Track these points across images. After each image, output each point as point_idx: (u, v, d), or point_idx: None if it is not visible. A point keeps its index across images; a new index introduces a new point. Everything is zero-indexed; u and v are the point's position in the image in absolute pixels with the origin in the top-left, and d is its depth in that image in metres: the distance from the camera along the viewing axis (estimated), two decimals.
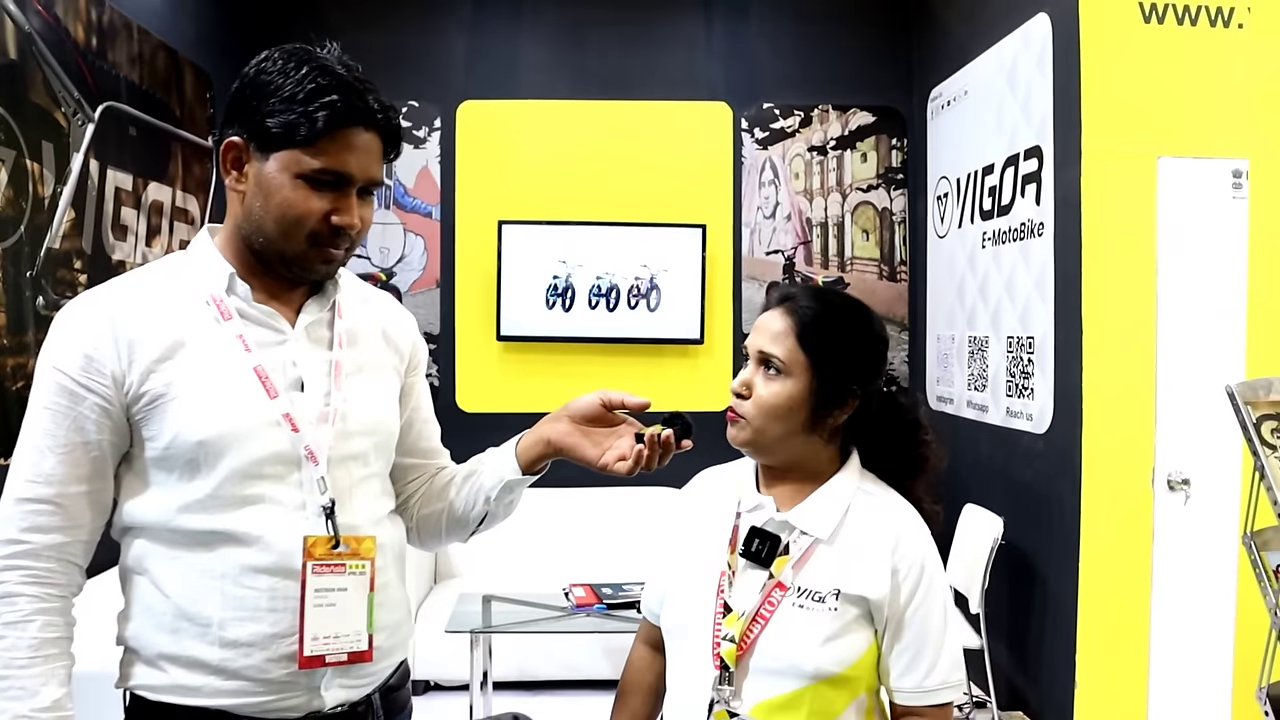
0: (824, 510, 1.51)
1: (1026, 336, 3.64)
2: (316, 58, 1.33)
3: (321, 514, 1.36)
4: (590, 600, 3.51)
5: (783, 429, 1.49)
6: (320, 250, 1.35)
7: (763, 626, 1.47)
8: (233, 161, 1.35)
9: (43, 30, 2.97)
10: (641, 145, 4.83)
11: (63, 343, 1.31)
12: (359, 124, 1.32)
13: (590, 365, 4.72)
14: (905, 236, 4.89)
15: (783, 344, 1.48)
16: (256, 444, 1.33)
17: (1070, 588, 3.29)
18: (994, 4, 3.94)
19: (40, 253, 2.96)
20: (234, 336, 1.35)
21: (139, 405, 1.31)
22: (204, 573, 1.31)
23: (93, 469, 1.32)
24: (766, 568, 1.49)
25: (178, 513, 1.32)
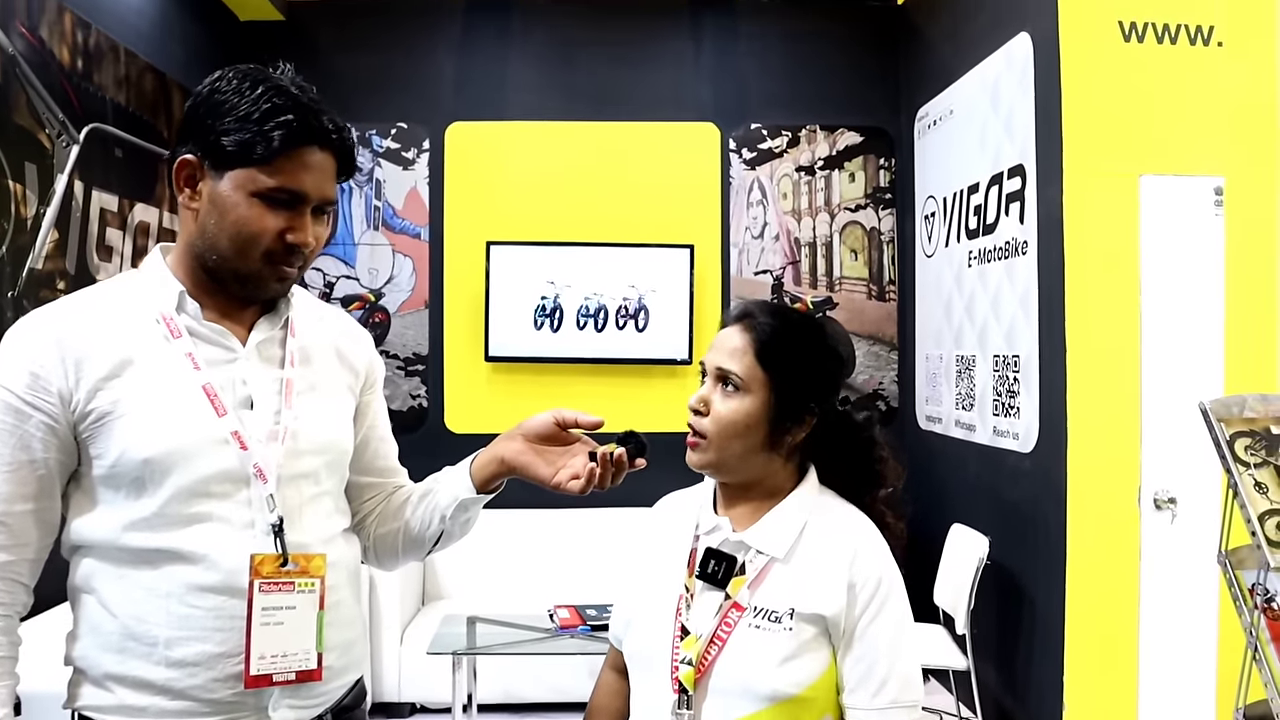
0: (780, 529, 1.49)
1: (1012, 355, 3.64)
2: (271, 78, 1.34)
3: (270, 532, 1.35)
4: (575, 622, 3.49)
5: (741, 447, 1.48)
6: (274, 268, 1.35)
7: (720, 648, 1.45)
8: (186, 179, 1.34)
9: (27, 53, 2.99)
10: (630, 166, 4.84)
11: (9, 360, 1.31)
12: (314, 143, 1.32)
13: (578, 385, 4.72)
14: (894, 256, 4.89)
15: (741, 360, 1.47)
16: (203, 462, 1.32)
17: (1057, 607, 3.27)
18: (977, 24, 3.96)
19: (22, 273, 2.96)
20: (183, 355, 1.34)
21: (86, 423, 1.30)
22: (150, 591, 1.30)
23: (39, 487, 1.31)
24: (723, 589, 1.47)
25: (124, 531, 1.30)
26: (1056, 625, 3.28)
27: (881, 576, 1.47)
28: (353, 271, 4.77)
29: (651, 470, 1.52)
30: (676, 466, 1.72)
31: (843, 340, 1.58)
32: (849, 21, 5.00)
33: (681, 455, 1.49)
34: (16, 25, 2.95)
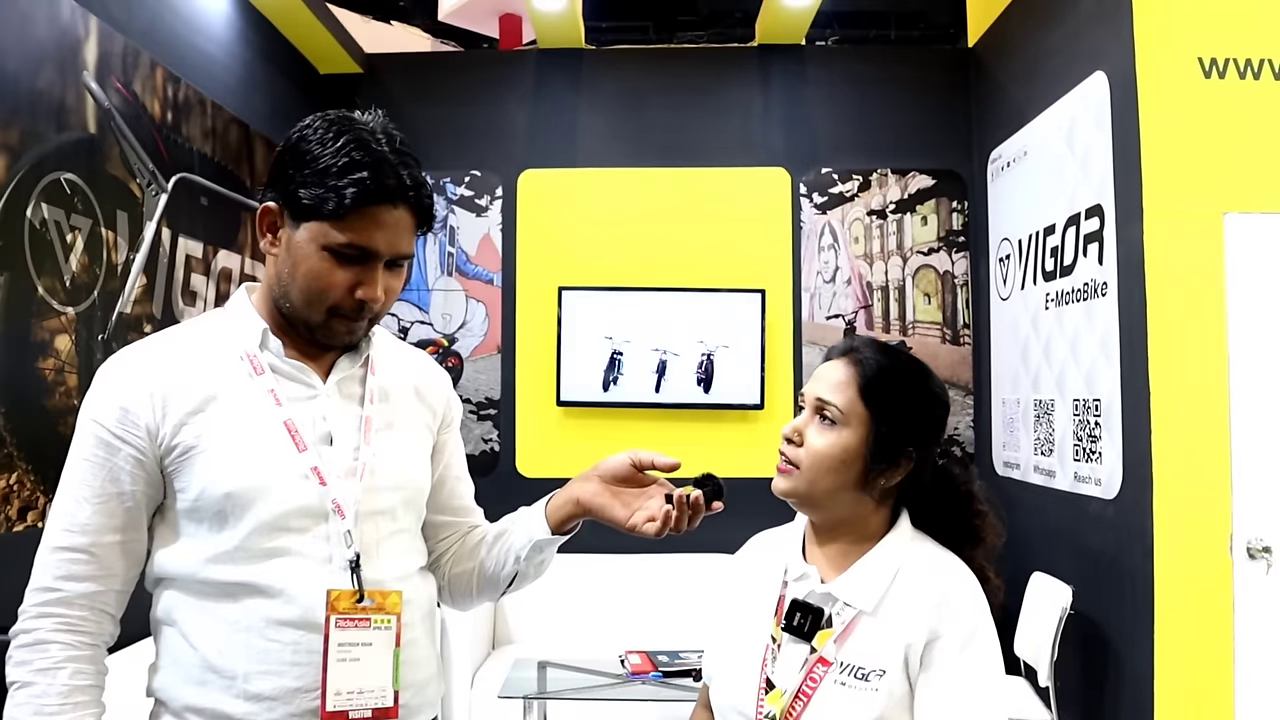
0: (869, 579, 1.44)
1: (1093, 399, 3.55)
2: (356, 128, 1.34)
3: (347, 568, 1.35)
4: (646, 668, 3.45)
5: (833, 482, 1.44)
6: (342, 321, 1.37)
7: (805, 705, 1.40)
8: (268, 225, 1.37)
9: (121, 106, 3.11)
10: (701, 211, 4.86)
11: (101, 395, 1.34)
12: (387, 201, 1.32)
13: (649, 430, 4.70)
14: (968, 299, 4.82)
15: (843, 394, 1.44)
16: (284, 496, 1.33)
17: (1146, 660, 3.15)
18: (1051, 65, 3.92)
19: (112, 317, 3.05)
20: (265, 391, 1.37)
21: (171, 457, 1.33)
22: (230, 625, 1.31)
23: (126, 519, 1.33)
24: (809, 641, 1.43)
25: (206, 564, 1.32)
26: (1145, 679, 3.16)
27: (975, 627, 1.39)
28: (427, 316, 4.84)
29: (725, 516, 1.49)
30: (749, 513, 1.70)
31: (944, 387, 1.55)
32: (919, 64, 5.00)
33: (755, 501, 1.47)
34: (113, 81, 3.07)
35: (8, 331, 2.58)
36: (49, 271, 2.75)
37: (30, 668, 1.27)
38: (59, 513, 1.33)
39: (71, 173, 2.85)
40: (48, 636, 1.28)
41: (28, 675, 1.27)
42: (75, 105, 2.89)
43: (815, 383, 1.49)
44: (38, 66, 2.72)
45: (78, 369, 2.88)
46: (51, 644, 1.28)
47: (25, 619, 1.30)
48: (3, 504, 2.57)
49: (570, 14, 4.59)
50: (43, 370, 2.74)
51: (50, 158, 2.76)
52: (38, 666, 1.27)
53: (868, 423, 1.43)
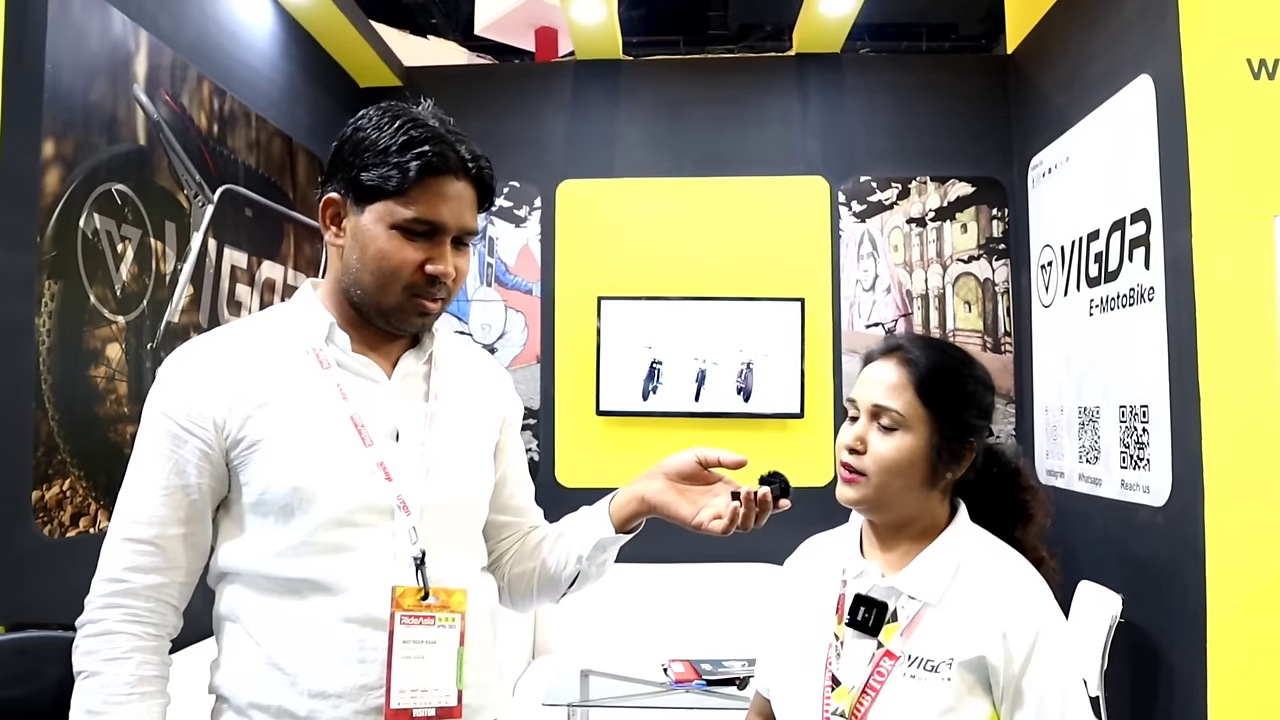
0: (932, 572, 1.44)
1: (1140, 405, 3.50)
2: (409, 112, 1.38)
3: (412, 564, 1.35)
4: (690, 676, 3.44)
5: (902, 485, 1.43)
6: (416, 301, 1.36)
7: (873, 699, 1.39)
8: (331, 217, 1.39)
9: (169, 118, 3.16)
10: (739, 220, 4.86)
11: (168, 388, 1.35)
12: (450, 173, 1.34)
13: (689, 440, 4.62)
14: (1009, 307, 4.78)
15: (900, 397, 1.43)
16: (350, 491, 1.33)
17: (1199, 671, 3.10)
18: (1094, 69, 3.89)
19: (160, 326, 3.09)
20: (332, 385, 1.37)
21: (237, 450, 1.33)
22: (294, 621, 1.32)
23: (191, 512, 1.34)
24: (874, 636, 1.42)
25: (271, 559, 1.33)
26: (1199, 691, 3.10)
27: (1040, 624, 1.39)
28: (466, 327, 4.87)
29: (767, 525, 1.47)
30: (791, 521, 1.69)
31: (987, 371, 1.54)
32: (957, 72, 4.98)
33: (797, 509, 1.45)
34: (161, 94, 3.11)
35: (61, 340, 2.62)
36: (100, 280, 2.79)
37: (98, 657, 1.28)
38: (126, 504, 1.33)
39: (122, 183, 2.89)
40: (115, 627, 1.29)
41: (96, 665, 1.28)
42: (126, 117, 2.93)
43: (867, 387, 1.47)
44: (91, 79, 2.76)
45: (127, 377, 2.92)
46: (119, 634, 1.29)
47: (92, 609, 1.31)
48: (56, 510, 2.61)
49: (608, 25, 4.61)
50: (94, 378, 2.77)
51: (102, 169, 2.80)
52: (105, 656, 1.28)
53: (929, 422, 1.43)
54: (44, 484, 2.55)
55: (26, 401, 2.48)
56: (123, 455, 2.85)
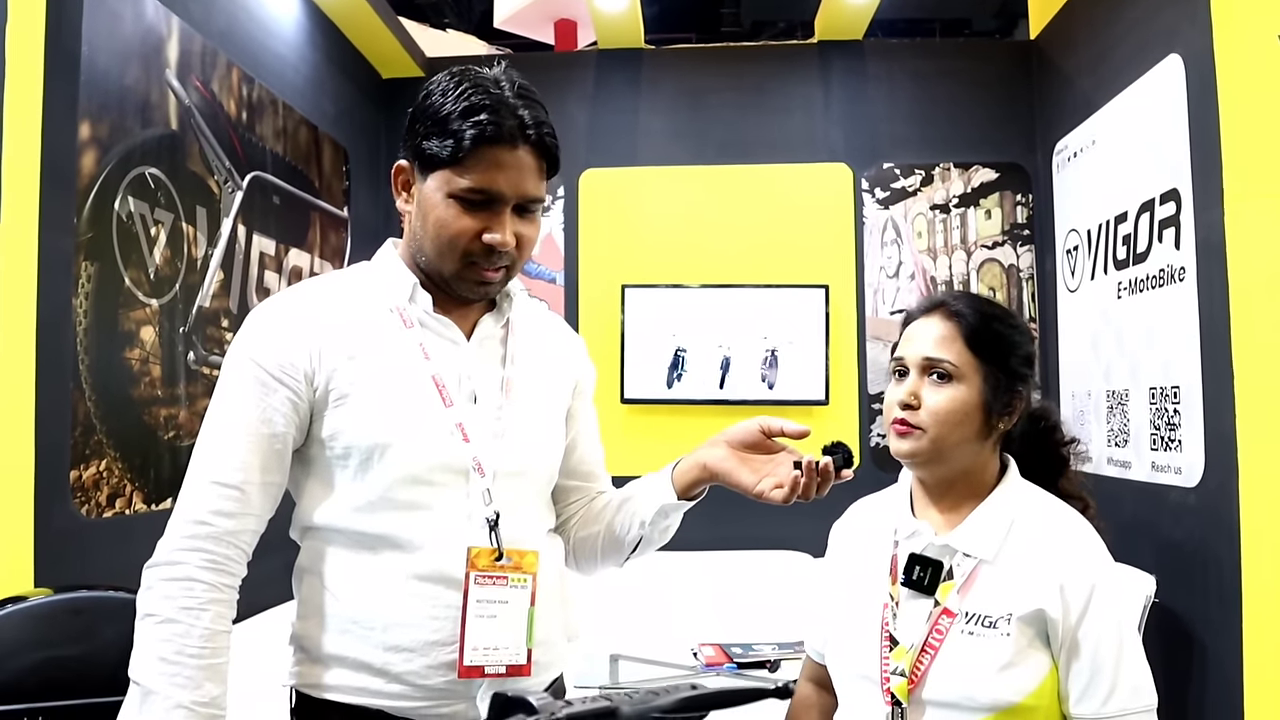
0: (986, 529, 1.44)
1: (1171, 386, 3.48)
2: (477, 77, 1.35)
3: (485, 525, 1.37)
4: (720, 660, 3.43)
5: (959, 436, 1.45)
6: (474, 269, 1.37)
7: (932, 657, 1.40)
8: (402, 184, 1.40)
9: (200, 105, 3.17)
10: (762, 208, 4.85)
11: (259, 336, 1.36)
12: (506, 143, 1.32)
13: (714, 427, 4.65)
14: (1034, 293, 4.76)
15: (950, 348, 1.45)
16: (428, 449, 1.35)
17: (1234, 654, 3.08)
18: (1120, 51, 3.87)
19: (192, 310, 3.10)
20: (415, 344, 1.39)
21: (324, 401, 1.34)
22: (372, 577, 1.34)
23: (275, 460, 1.34)
24: (930, 595, 1.43)
25: (349, 514, 1.35)
26: (1234, 673, 3.08)
27: (1096, 577, 1.40)
28: None
29: (794, 512, 1.49)
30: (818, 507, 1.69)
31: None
32: (980, 58, 4.97)
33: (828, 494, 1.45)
34: (192, 79, 3.13)
35: (98, 321, 2.63)
36: (135, 264, 2.80)
37: (175, 604, 1.27)
38: (213, 447, 1.33)
39: (155, 168, 2.91)
40: (195, 574, 1.28)
41: (171, 610, 1.26)
42: (159, 102, 2.95)
43: (915, 343, 1.49)
44: (125, 64, 2.77)
45: (161, 360, 2.93)
46: (197, 582, 1.28)
47: (171, 549, 1.29)
48: (93, 490, 2.62)
49: (631, 14, 4.61)
50: (129, 360, 2.79)
51: (136, 152, 2.81)
52: (182, 604, 1.26)
53: (980, 371, 1.45)
54: (81, 464, 2.56)
55: (65, 381, 2.49)
56: (157, 439, 2.88)
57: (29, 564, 2.28)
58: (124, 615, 1.34)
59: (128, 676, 1.27)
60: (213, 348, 3.19)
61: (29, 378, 2.33)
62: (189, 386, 3.05)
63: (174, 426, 2.98)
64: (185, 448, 3.04)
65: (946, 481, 1.49)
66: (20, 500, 2.29)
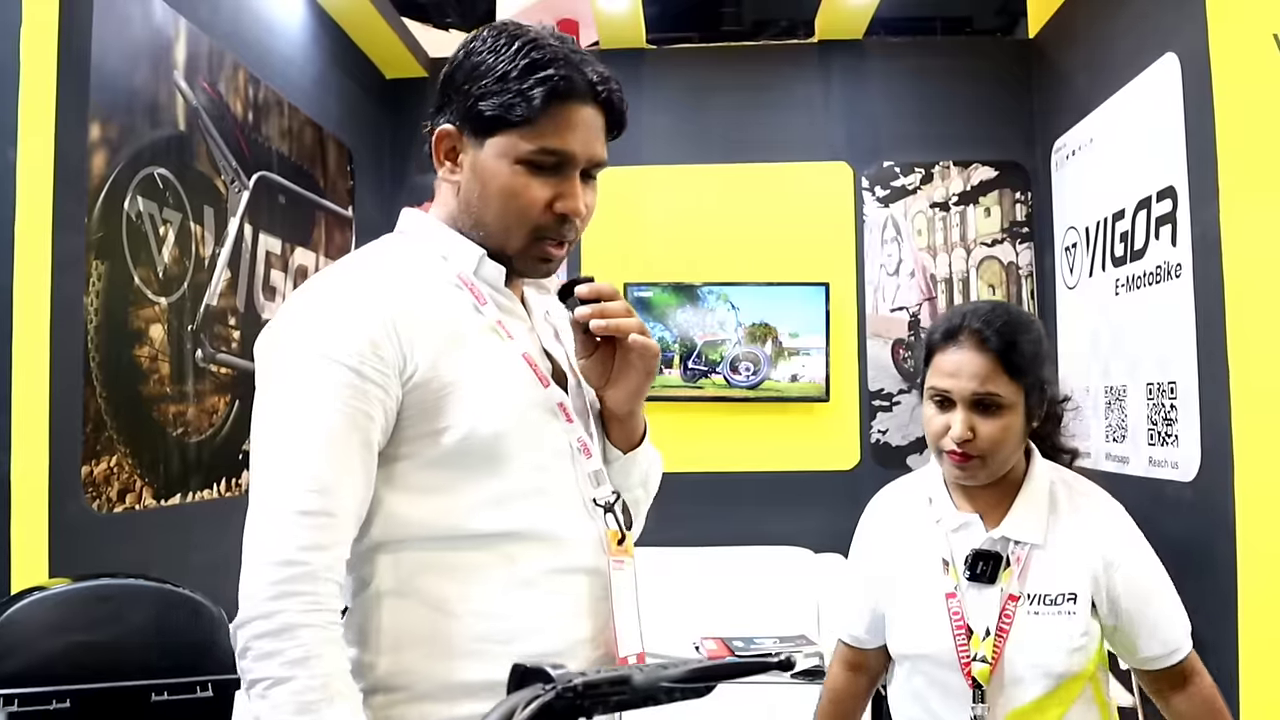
0: (1030, 516, 1.57)
1: (1168, 382, 3.52)
2: (527, 33, 1.23)
3: (602, 509, 1.28)
4: (722, 653, 3.48)
5: (1011, 453, 1.58)
6: (542, 244, 1.25)
7: (1004, 640, 1.53)
8: (446, 151, 1.26)
9: (207, 105, 3.21)
10: (763, 206, 4.90)
11: (331, 328, 1.15)
12: (578, 98, 1.21)
13: (716, 421, 4.74)
14: (1033, 290, 4.80)
15: (996, 383, 1.54)
16: (543, 434, 1.25)
17: (1230, 647, 3.11)
18: (1118, 50, 3.91)
19: (200, 308, 3.15)
20: (494, 323, 1.25)
21: (422, 396, 1.17)
22: (502, 581, 1.20)
23: (367, 474, 1.16)
24: (994, 584, 1.55)
25: (467, 515, 1.19)
26: (1229, 666, 3.12)
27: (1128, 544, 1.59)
28: None
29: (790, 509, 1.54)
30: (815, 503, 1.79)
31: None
32: (979, 56, 5.01)
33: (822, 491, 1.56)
34: (200, 80, 3.17)
35: (108, 319, 2.68)
36: (144, 262, 2.85)
37: (282, 659, 1.05)
38: (294, 470, 1.11)
39: (164, 168, 2.95)
40: (297, 620, 1.06)
41: (281, 670, 1.05)
42: (167, 103, 2.99)
43: (957, 379, 1.56)
44: (134, 65, 2.82)
45: (169, 358, 2.97)
46: (301, 628, 1.06)
47: (264, 599, 1.07)
48: (104, 486, 2.66)
49: (632, 14, 4.65)
50: (139, 358, 2.83)
51: (145, 153, 2.85)
52: (291, 657, 1.05)
53: (1023, 393, 1.56)
54: (93, 459, 2.60)
55: (77, 378, 2.53)
56: (166, 435, 2.92)
57: (44, 557, 2.33)
58: (150, 602, 1.35)
59: (154, 662, 1.26)
60: (220, 345, 3.23)
61: (44, 375, 2.37)
62: (197, 384, 3.09)
63: (183, 423, 3.02)
64: (194, 444, 3.08)
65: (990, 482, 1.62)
66: (35, 495, 2.34)
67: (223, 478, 3.23)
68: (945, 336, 1.59)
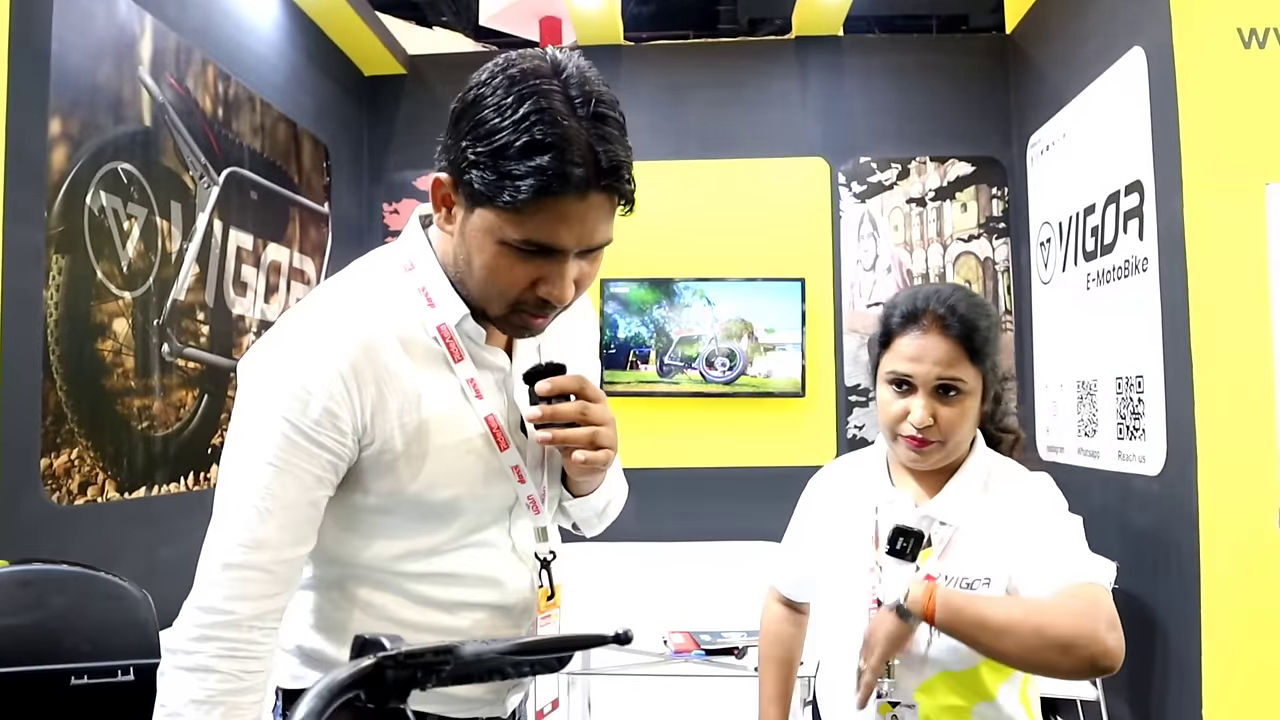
0: (962, 497, 1.55)
1: (1135, 376, 3.53)
2: (542, 92, 1.09)
3: (536, 565, 1.30)
4: (689, 647, 3.48)
5: (965, 438, 1.56)
6: (523, 315, 1.19)
7: None
8: (441, 199, 1.19)
9: (174, 101, 3.22)
10: (741, 202, 4.91)
11: (293, 391, 1.15)
12: (573, 193, 1.08)
13: (692, 417, 4.75)
14: (1009, 285, 4.81)
15: (959, 368, 1.51)
16: (489, 497, 1.26)
17: (1193, 639, 3.12)
18: (1089, 45, 3.92)
19: (167, 303, 3.16)
20: (465, 382, 1.24)
21: (373, 457, 1.20)
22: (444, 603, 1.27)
23: (310, 530, 1.18)
24: (913, 562, 1.52)
25: (399, 559, 1.25)
26: (1193, 657, 3.13)
27: (1044, 510, 1.52)
28: None
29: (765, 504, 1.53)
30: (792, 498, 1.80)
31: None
32: (957, 52, 5.02)
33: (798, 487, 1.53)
34: (166, 77, 3.18)
35: (70, 312, 2.69)
36: (107, 257, 2.86)
37: (185, 697, 1.11)
38: (232, 523, 1.14)
39: (128, 163, 2.96)
40: (209, 663, 1.11)
41: (180, 705, 1.11)
42: (131, 99, 3.00)
43: (919, 364, 1.52)
44: (96, 61, 2.83)
45: (134, 352, 2.99)
46: (212, 673, 1.11)
47: (186, 638, 1.13)
48: (64, 478, 2.68)
49: (609, 11, 4.66)
50: (101, 351, 2.84)
51: (108, 148, 2.87)
52: (193, 697, 1.11)
53: (981, 377, 1.53)
54: (52, 452, 2.62)
55: (35, 370, 2.55)
56: (130, 429, 2.94)
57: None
58: (73, 587, 1.36)
59: (75, 646, 1.29)
60: (188, 340, 3.25)
61: None
62: (163, 378, 3.11)
63: (148, 417, 3.04)
64: (160, 438, 3.10)
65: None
66: None
67: (190, 471, 3.25)
68: (906, 319, 1.53)
